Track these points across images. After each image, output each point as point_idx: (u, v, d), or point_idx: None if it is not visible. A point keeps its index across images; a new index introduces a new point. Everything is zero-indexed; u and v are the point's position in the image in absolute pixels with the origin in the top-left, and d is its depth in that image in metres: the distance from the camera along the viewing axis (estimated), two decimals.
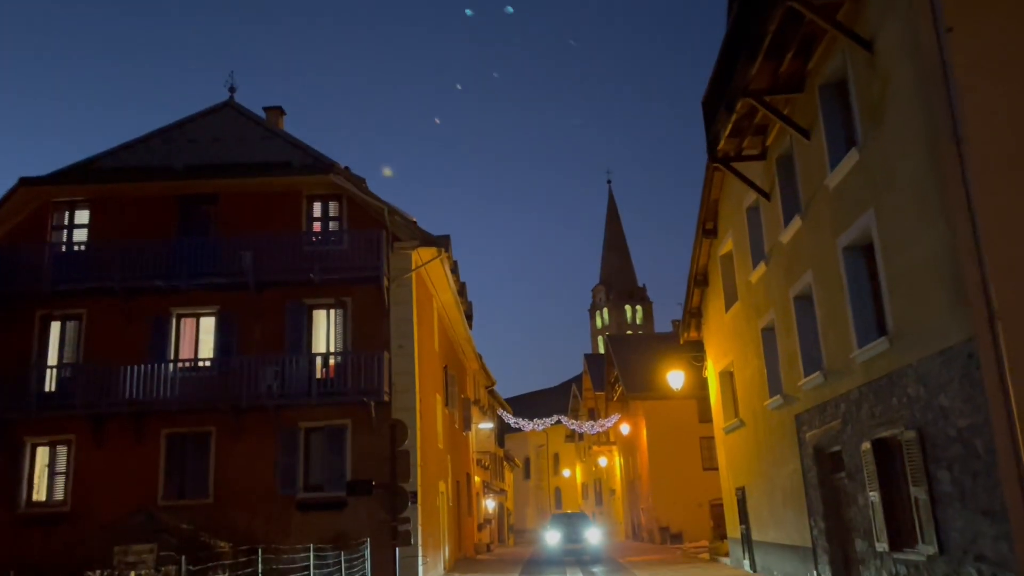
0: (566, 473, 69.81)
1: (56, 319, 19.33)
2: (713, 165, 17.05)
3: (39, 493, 18.44)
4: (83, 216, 20.19)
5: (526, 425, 39.66)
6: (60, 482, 18.42)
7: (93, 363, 18.54)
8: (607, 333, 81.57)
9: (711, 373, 21.97)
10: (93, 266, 19.02)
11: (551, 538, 28.49)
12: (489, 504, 42.09)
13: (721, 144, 15.48)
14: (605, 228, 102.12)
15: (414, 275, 20.02)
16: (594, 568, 23.31)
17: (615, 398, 43.91)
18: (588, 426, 43.53)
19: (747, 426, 18.57)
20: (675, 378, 24.39)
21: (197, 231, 19.82)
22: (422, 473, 19.30)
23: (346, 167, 21.01)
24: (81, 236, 20.01)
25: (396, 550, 15.02)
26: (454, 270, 27.83)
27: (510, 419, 40.52)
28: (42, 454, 18.71)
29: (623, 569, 22.07)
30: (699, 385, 26.50)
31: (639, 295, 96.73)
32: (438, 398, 24.21)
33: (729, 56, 14.45)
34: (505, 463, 54.26)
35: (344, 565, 13.31)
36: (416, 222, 20.54)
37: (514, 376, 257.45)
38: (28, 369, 18.51)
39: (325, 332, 19.57)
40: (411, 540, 15.47)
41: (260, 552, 10.23)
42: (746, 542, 19.32)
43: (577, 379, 65.47)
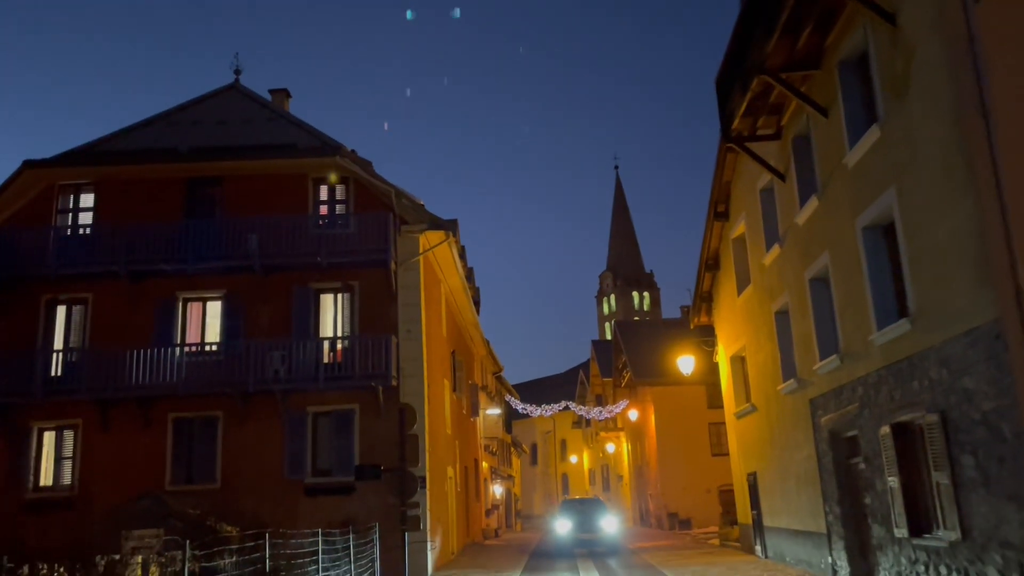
0: (573, 459, 69.81)
1: (62, 303, 19.18)
2: (727, 145, 16.75)
3: (46, 478, 18.34)
4: (88, 199, 19.99)
5: (534, 411, 39.52)
6: (67, 467, 18.32)
7: (99, 347, 18.40)
8: (614, 319, 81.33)
9: (722, 358, 21.74)
10: (98, 250, 18.82)
11: (561, 527, 25.23)
12: (497, 490, 42.03)
13: (735, 124, 15.18)
14: (612, 214, 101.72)
15: (422, 259, 19.80)
16: (610, 561, 20.93)
17: (623, 384, 43.75)
18: (596, 412, 43.40)
19: (759, 411, 18.35)
20: (685, 363, 24.17)
21: (203, 214, 19.60)
22: (430, 458, 19.15)
23: (352, 150, 20.77)
24: (86, 219, 19.80)
25: (405, 535, 14.90)
26: (461, 255, 27.59)
27: (518, 405, 40.38)
28: (49, 439, 18.60)
29: (642, 564, 19.73)
30: (708, 371, 26.27)
31: (646, 281, 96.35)
32: (446, 383, 24.04)
33: (744, 33, 14.13)
34: (512, 449, 54.22)
35: (353, 550, 13.17)
36: (424, 205, 20.32)
37: (521, 363, 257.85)
38: (34, 354, 18.35)
39: (332, 316, 19.38)
40: (420, 525, 15.34)
41: (268, 537, 10.07)
42: (758, 528, 19.14)
43: (584, 365, 65.33)
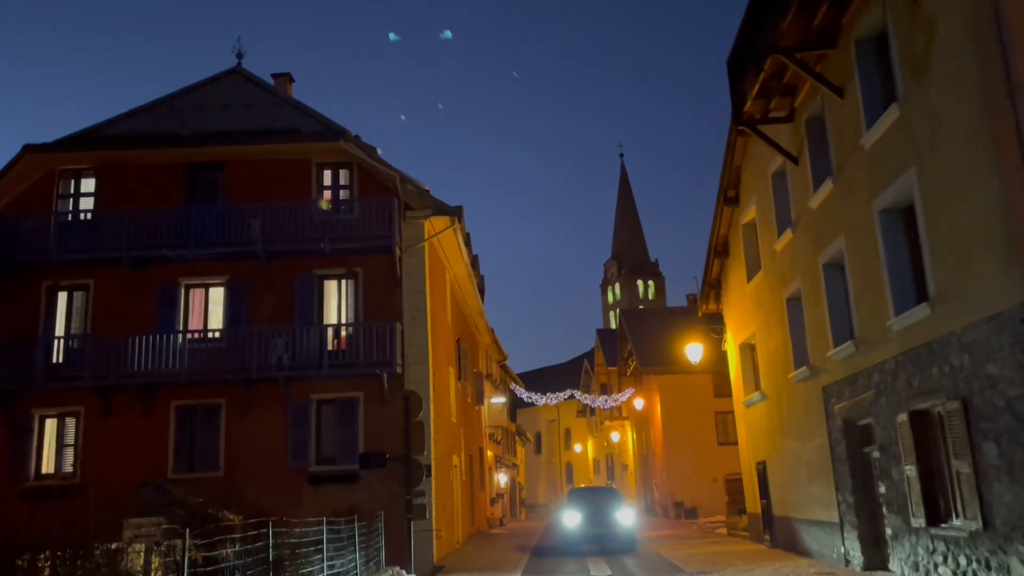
0: (577, 448, 69.69)
1: (63, 289, 18.96)
2: (738, 128, 16.42)
3: (47, 466, 18.17)
4: (89, 184, 19.74)
5: (539, 399, 39.30)
6: (69, 454, 18.14)
7: (101, 334, 18.18)
8: (619, 308, 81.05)
9: (731, 346, 21.46)
10: (100, 235, 18.58)
11: (570, 520, 21.04)
12: (501, 479, 41.92)
13: (747, 106, 14.86)
14: (617, 203, 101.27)
15: (427, 245, 19.53)
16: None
17: (628, 373, 43.49)
18: (602, 400, 43.18)
19: (769, 399, 18.09)
20: (693, 351, 23.88)
21: (205, 200, 19.34)
22: (436, 446, 18.95)
23: (356, 135, 20.48)
24: (87, 204, 19.56)
25: (411, 524, 14.70)
26: (466, 242, 27.31)
27: (523, 393, 40.18)
28: (50, 426, 18.41)
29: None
30: (715, 359, 26.00)
31: (651, 270, 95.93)
32: (451, 371, 23.82)
33: (757, 11, 13.80)
34: (517, 438, 54.10)
35: (358, 539, 12.97)
36: (428, 190, 20.04)
37: (525, 352, 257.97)
38: (35, 340, 18.13)
39: (336, 303, 19.14)
40: (426, 514, 15.15)
41: (271, 525, 9.85)
42: (767, 517, 18.92)
43: (589, 355, 65.12)
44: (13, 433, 17.93)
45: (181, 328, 18.56)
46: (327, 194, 19.63)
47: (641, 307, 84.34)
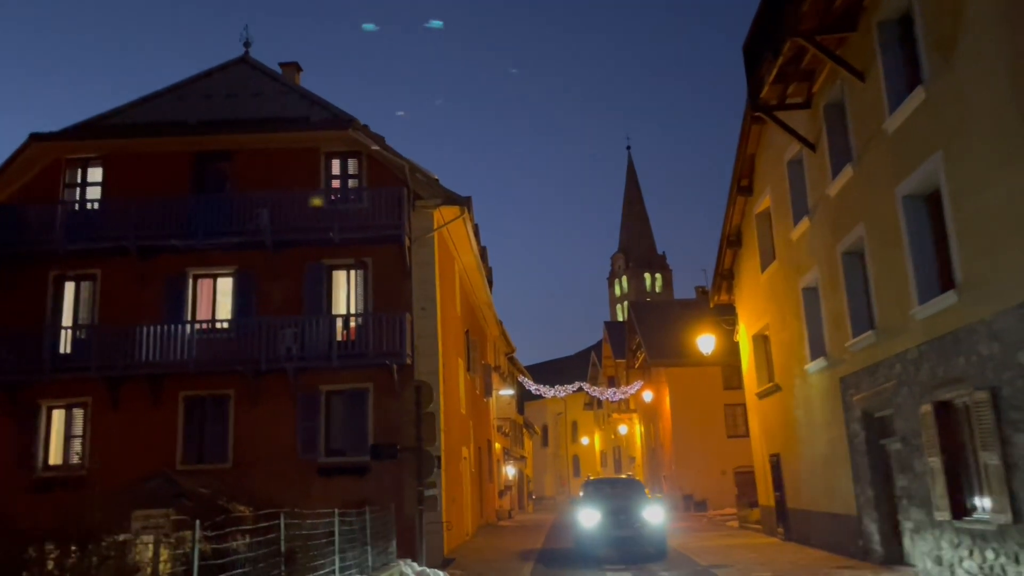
0: (584, 441, 69.51)
1: (70, 279, 18.79)
2: (753, 115, 16.15)
3: (55, 457, 18.03)
4: (96, 173, 19.55)
5: (548, 392, 39.11)
6: (77, 445, 17.98)
7: (108, 324, 18.03)
8: (626, 301, 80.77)
9: (743, 337, 21.21)
10: (107, 225, 18.40)
11: (587, 519, 17.12)
12: (509, 471, 41.74)
13: (764, 92, 14.57)
14: (624, 195, 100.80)
15: (436, 235, 19.30)
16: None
17: (636, 365, 43.25)
18: (611, 393, 42.98)
19: (783, 390, 17.84)
20: (705, 342, 23.62)
21: (212, 189, 19.15)
22: (446, 438, 18.75)
23: (365, 125, 20.24)
24: (94, 194, 19.37)
25: (421, 516, 14.49)
26: (475, 234, 27.07)
27: (531, 385, 40.00)
28: (58, 417, 18.28)
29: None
30: (725, 351, 25.76)
31: (658, 263, 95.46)
32: (460, 363, 23.62)
33: None
34: (525, 430, 53.94)
35: (369, 531, 12.79)
36: (438, 180, 19.80)
37: (531, 345, 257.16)
38: (42, 331, 18.00)
39: (345, 293, 18.95)
40: (437, 505, 14.97)
41: (283, 517, 9.67)
42: (780, 510, 18.70)
43: (596, 347, 64.85)
44: (20, 424, 17.79)
45: (189, 318, 18.38)
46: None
47: (648, 300, 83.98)
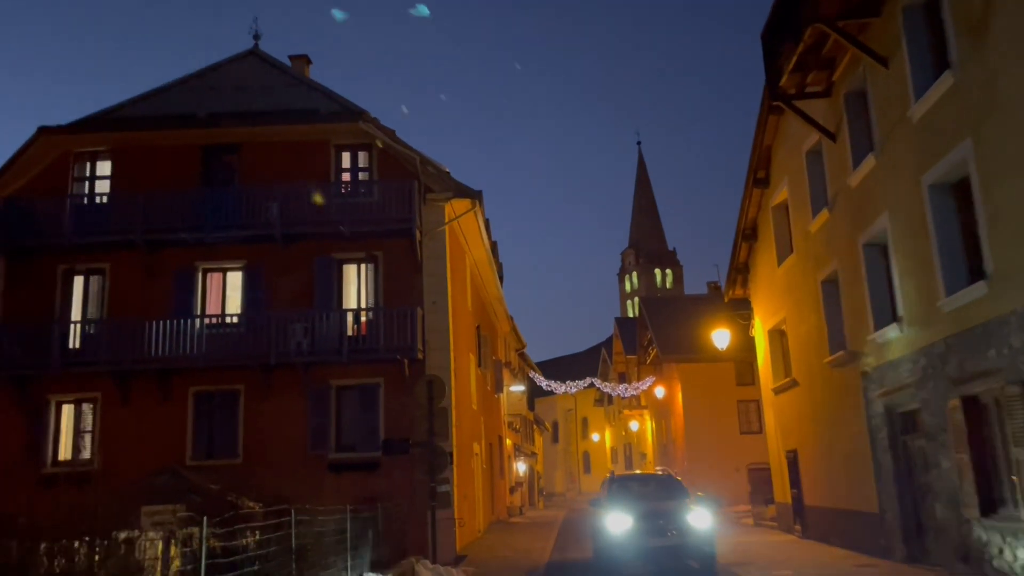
0: (595, 437, 69.24)
1: (79, 273, 18.64)
2: (771, 105, 15.85)
3: (64, 452, 17.90)
4: (104, 167, 19.38)
5: (558, 387, 38.86)
6: (86, 441, 17.87)
7: (117, 319, 17.87)
8: (637, 297, 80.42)
9: (759, 331, 20.90)
10: (115, 218, 18.24)
11: (615, 524, 13.15)
12: (520, 467, 41.52)
13: (783, 80, 14.26)
14: (634, 191, 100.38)
15: (447, 229, 19.06)
16: None
17: (648, 361, 42.94)
18: (622, 389, 42.68)
19: (801, 386, 17.54)
20: (720, 337, 23.30)
21: (221, 182, 18.97)
22: (457, 434, 18.51)
23: (375, 118, 20.02)
24: (103, 187, 19.20)
25: (433, 513, 14.28)
26: (486, 228, 26.82)
27: (542, 381, 39.74)
28: (67, 412, 18.15)
29: None
30: (739, 347, 25.44)
31: (669, 259, 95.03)
32: (471, 358, 23.39)
33: None
34: (535, 427, 53.71)
35: (380, 528, 12.59)
36: (449, 173, 19.54)
37: (541, 341, 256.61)
38: (51, 325, 17.84)
39: (356, 287, 18.74)
40: (450, 502, 14.75)
41: (293, 514, 9.48)
42: (797, 507, 18.39)
43: (606, 343, 64.53)
44: (29, 419, 17.66)
45: (198, 313, 18.21)
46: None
47: (659, 296, 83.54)
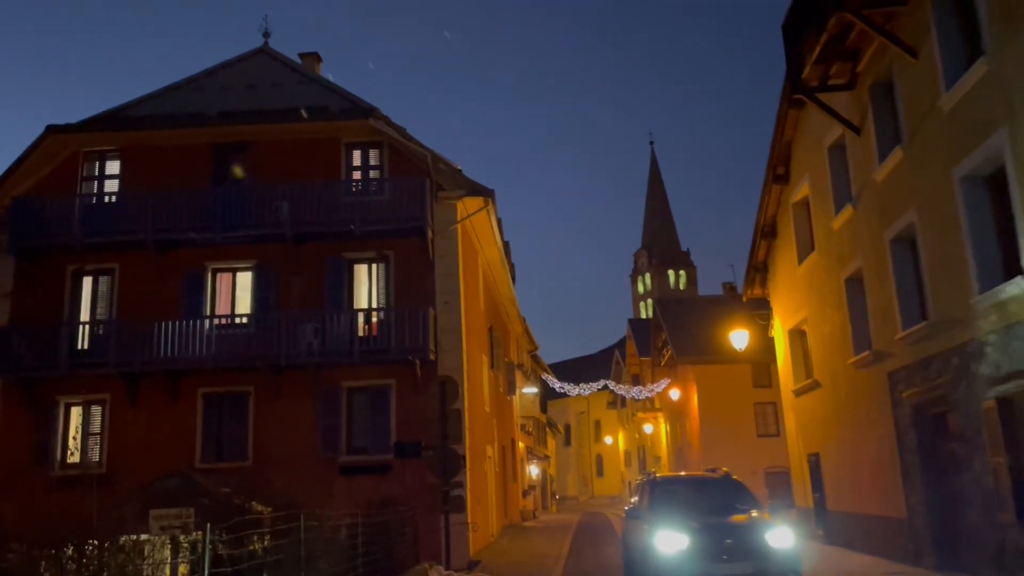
0: (608, 440, 68.73)
1: (88, 274, 18.45)
2: (792, 99, 15.43)
3: (74, 454, 17.67)
4: (114, 166, 19.21)
5: (572, 390, 38.48)
6: (95, 443, 17.66)
7: (126, 319, 17.66)
8: (650, 298, 79.91)
9: (778, 332, 20.46)
10: (125, 218, 18.05)
11: (667, 544, 9.96)
12: (533, 470, 41.15)
13: (805, 72, 13.85)
14: (647, 191, 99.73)
15: (459, 227, 18.75)
16: None
17: (662, 363, 42.47)
18: (636, 391, 42.23)
19: (823, 387, 17.10)
20: (739, 338, 22.85)
21: (231, 181, 18.73)
22: (470, 436, 18.16)
23: (385, 115, 19.74)
24: (112, 187, 19.04)
25: (447, 517, 13.94)
26: (499, 227, 26.49)
27: (555, 384, 39.38)
28: (76, 414, 17.96)
29: None
30: (756, 348, 24.99)
31: (682, 260, 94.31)
32: (484, 359, 23.06)
33: None
34: (548, 429, 53.33)
35: (392, 532, 12.28)
36: (461, 170, 19.24)
37: (553, 343, 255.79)
38: (60, 326, 17.65)
39: (367, 287, 18.46)
40: (464, 506, 14.42)
41: (303, 519, 9.19)
42: (820, 512, 17.95)
43: (619, 345, 64.03)
44: (38, 421, 17.46)
45: (208, 313, 17.98)
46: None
47: (673, 297, 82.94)
